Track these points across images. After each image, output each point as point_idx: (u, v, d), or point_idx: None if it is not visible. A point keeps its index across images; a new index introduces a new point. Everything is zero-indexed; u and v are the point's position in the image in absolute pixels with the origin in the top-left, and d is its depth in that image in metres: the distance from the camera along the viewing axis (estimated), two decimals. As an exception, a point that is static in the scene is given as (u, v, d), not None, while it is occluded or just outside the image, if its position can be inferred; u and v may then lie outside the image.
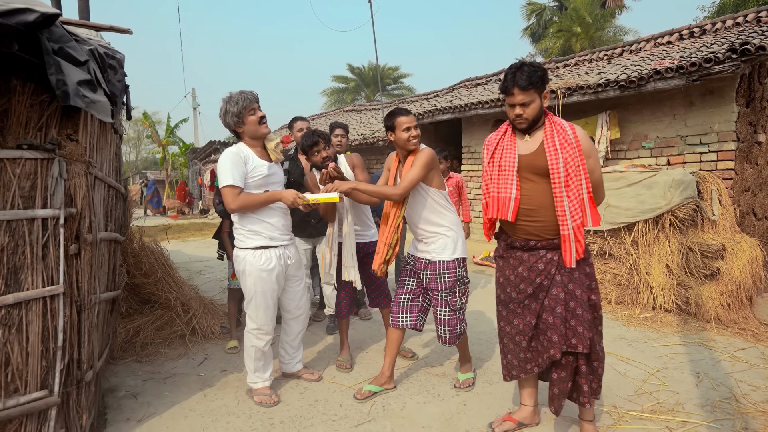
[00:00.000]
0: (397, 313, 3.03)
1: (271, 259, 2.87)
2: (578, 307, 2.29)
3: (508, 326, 2.52)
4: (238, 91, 2.86)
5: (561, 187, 2.24)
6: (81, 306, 2.36)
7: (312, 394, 3.07)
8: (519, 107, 2.31)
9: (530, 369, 2.45)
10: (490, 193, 2.45)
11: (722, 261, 4.47)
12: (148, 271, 4.14)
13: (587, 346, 2.26)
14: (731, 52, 4.54)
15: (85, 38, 2.56)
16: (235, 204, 2.75)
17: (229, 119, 2.84)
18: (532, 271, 2.38)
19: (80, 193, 2.34)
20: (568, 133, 2.28)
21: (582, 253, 2.27)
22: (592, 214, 2.27)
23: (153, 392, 3.11)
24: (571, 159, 2.23)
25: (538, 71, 2.27)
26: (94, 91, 2.25)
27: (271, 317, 2.95)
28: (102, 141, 2.73)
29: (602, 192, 2.43)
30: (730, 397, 2.99)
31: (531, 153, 2.35)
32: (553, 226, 2.32)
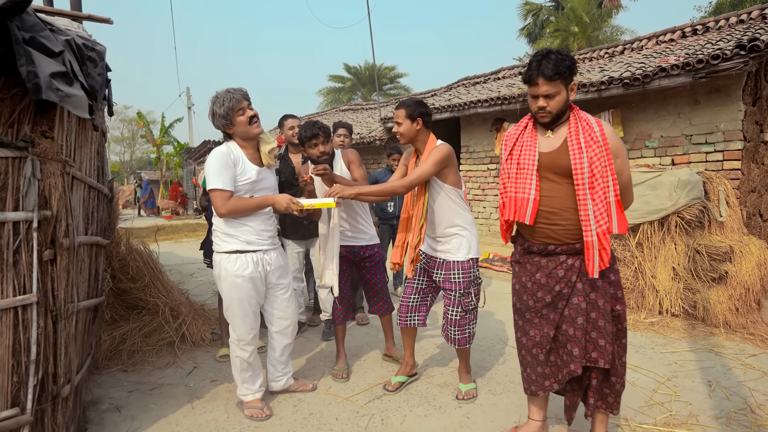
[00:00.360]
0: (405, 313, 2.99)
1: (247, 265, 2.67)
2: (600, 318, 2.11)
3: (524, 337, 2.32)
4: (224, 89, 2.64)
5: (585, 188, 2.05)
6: (57, 316, 2.19)
7: (306, 406, 2.91)
8: (543, 99, 2.10)
9: (549, 386, 2.26)
10: (508, 192, 2.26)
11: (730, 264, 4.33)
12: (136, 276, 3.96)
13: (609, 360, 2.08)
14: (739, 48, 4.40)
15: (63, 28, 2.39)
16: (225, 209, 2.57)
17: (217, 122, 2.64)
18: (550, 278, 2.19)
19: (56, 195, 2.17)
20: (594, 129, 2.08)
21: (607, 262, 2.07)
22: (619, 220, 2.07)
23: (138, 405, 2.94)
24: (597, 158, 2.04)
25: (566, 60, 2.07)
26: (69, 84, 2.08)
27: (251, 326, 2.75)
28: (81, 139, 2.56)
29: (631, 195, 2.24)
30: (745, 408, 2.85)
31: (553, 151, 2.15)
32: (575, 230, 2.13)
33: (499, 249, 7.60)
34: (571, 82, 2.12)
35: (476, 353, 3.70)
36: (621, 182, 2.14)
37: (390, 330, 3.55)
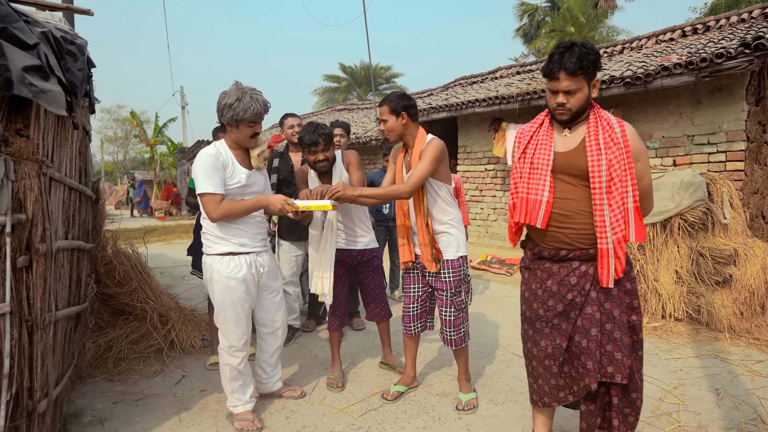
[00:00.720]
0: (408, 323, 2.96)
1: (241, 267, 2.58)
2: (616, 330, 1.97)
3: (535, 348, 2.18)
4: (250, 90, 2.53)
5: (602, 193, 1.91)
6: (33, 326, 2.05)
7: (300, 418, 2.78)
8: (562, 95, 1.95)
9: (564, 398, 2.12)
10: (519, 193, 2.12)
11: (735, 267, 4.24)
12: (123, 280, 3.81)
13: (626, 375, 1.94)
14: (744, 47, 4.31)
15: (40, 20, 2.25)
16: (217, 213, 2.45)
17: (226, 114, 2.52)
18: (562, 285, 2.05)
19: (31, 197, 2.03)
20: (615, 130, 1.93)
21: (621, 271, 1.94)
22: (637, 228, 1.93)
23: (122, 417, 2.80)
24: (616, 161, 1.90)
25: (591, 54, 1.91)
26: (45, 79, 1.95)
27: (243, 331, 2.64)
28: (60, 138, 2.42)
29: (651, 201, 2.09)
30: (756, 418, 2.75)
31: (569, 151, 2.01)
32: (589, 235, 1.99)
33: (497, 251, 7.49)
34: (594, 78, 1.97)
35: (476, 360, 3.58)
36: (642, 187, 2.00)
37: (387, 337, 3.43)
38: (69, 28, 2.56)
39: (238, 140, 2.60)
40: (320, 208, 2.56)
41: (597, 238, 1.95)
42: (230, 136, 2.61)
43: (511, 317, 4.69)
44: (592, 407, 2.08)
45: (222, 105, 2.53)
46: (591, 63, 1.92)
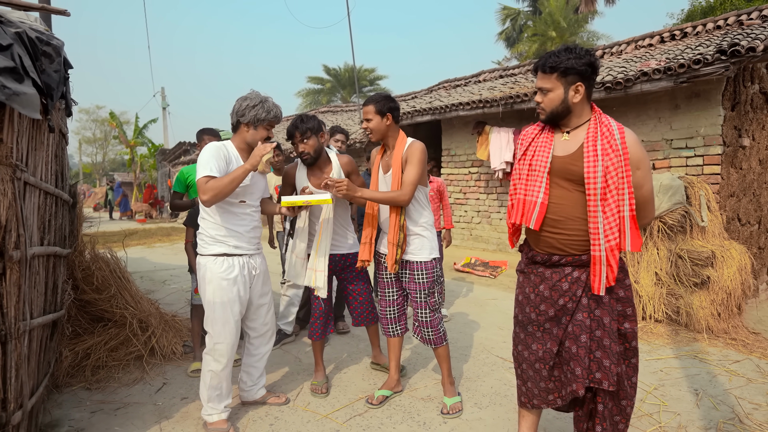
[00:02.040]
0: (387, 325, 3.01)
1: (233, 267, 2.62)
2: (606, 337, 1.97)
3: (526, 351, 2.18)
4: (272, 99, 2.70)
5: (596, 199, 1.91)
6: (6, 336, 1.99)
7: (284, 425, 2.74)
8: (539, 94, 2.02)
9: (553, 401, 2.13)
10: (517, 194, 2.13)
11: (712, 269, 4.32)
12: (101, 286, 3.72)
13: (614, 382, 1.94)
14: (720, 53, 4.40)
15: (14, 20, 2.18)
16: (207, 194, 2.44)
17: (248, 114, 2.62)
18: (554, 290, 2.05)
19: (4, 202, 1.97)
20: (615, 136, 1.91)
21: (613, 280, 1.93)
22: (632, 237, 1.91)
23: (101, 427, 2.73)
24: (613, 168, 1.88)
25: (572, 59, 1.93)
26: (19, 81, 1.89)
27: (231, 334, 2.63)
28: (36, 141, 2.35)
29: (651, 210, 2.07)
30: (734, 417, 2.80)
31: (567, 155, 2.01)
32: (582, 241, 1.99)
33: (481, 254, 7.53)
34: (576, 83, 1.96)
35: (460, 363, 3.58)
36: (641, 196, 1.99)
37: (376, 338, 3.45)
38: (45, 29, 2.49)
39: (253, 141, 2.67)
40: (320, 203, 2.66)
41: (590, 245, 1.95)
42: (243, 136, 2.69)
43: (494, 320, 4.71)
44: (580, 413, 2.10)
45: (243, 106, 2.63)
46: (567, 66, 1.92)
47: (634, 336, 2.04)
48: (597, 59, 1.98)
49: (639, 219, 2.03)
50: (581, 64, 1.93)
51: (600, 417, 2.02)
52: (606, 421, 2.02)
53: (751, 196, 5.48)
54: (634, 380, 2.05)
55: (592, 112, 2.04)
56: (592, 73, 1.97)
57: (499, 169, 6.99)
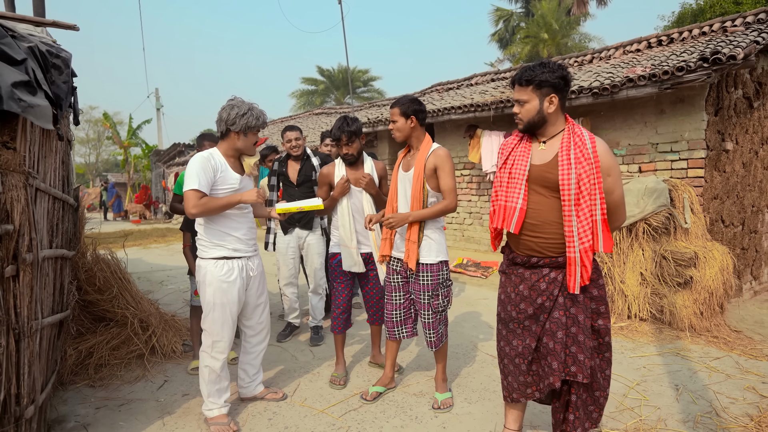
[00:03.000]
0: (392, 328, 3.07)
1: (233, 270, 2.75)
2: (580, 333, 2.13)
3: (507, 347, 2.34)
4: (257, 106, 2.79)
5: (570, 205, 2.06)
6: (20, 334, 2.10)
7: (282, 420, 2.87)
8: (517, 105, 2.19)
9: (531, 393, 2.29)
10: (498, 200, 2.28)
11: (695, 269, 4.48)
12: (103, 287, 3.83)
13: (588, 375, 2.10)
14: (702, 60, 4.56)
15: (25, 34, 2.30)
16: (196, 209, 2.57)
17: (239, 122, 2.70)
18: (533, 290, 2.21)
19: (18, 208, 2.08)
20: (587, 146, 2.08)
21: (588, 279, 2.09)
22: (605, 239, 2.08)
23: (106, 422, 2.85)
24: (585, 176, 2.04)
25: (546, 72, 2.09)
26: (33, 93, 2.00)
27: (229, 333, 2.77)
28: (45, 149, 2.46)
29: (623, 214, 2.23)
30: (711, 411, 2.94)
31: (544, 164, 2.17)
32: (558, 244, 2.15)
33: (473, 254, 7.67)
34: (550, 94, 2.12)
35: (451, 360, 3.71)
36: (612, 201, 2.14)
37: (378, 339, 3.59)
38: (53, 41, 2.61)
39: (244, 147, 2.78)
40: (313, 208, 2.82)
41: (565, 247, 2.10)
42: (232, 143, 2.76)
43: (485, 319, 4.85)
44: (557, 404, 2.26)
45: (233, 115, 2.70)
46: (540, 79, 2.09)
47: (607, 332, 2.20)
48: (569, 73, 2.15)
49: (611, 222, 2.19)
50: (554, 78, 2.09)
51: (573, 407, 2.19)
52: (579, 410, 2.18)
53: (735, 198, 5.65)
54: (608, 373, 2.21)
55: (566, 122, 2.19)
56: (565, 86, 2.13)
57: (490, 172, 7.14)
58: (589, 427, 2.22)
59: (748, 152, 5.83)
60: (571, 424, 2.21)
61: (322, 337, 4.23)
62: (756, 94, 5.83)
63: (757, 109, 5.89)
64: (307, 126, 13.01)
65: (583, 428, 2.20)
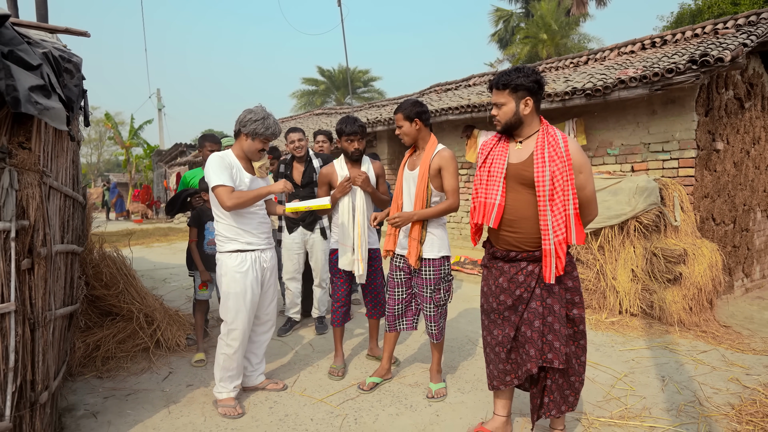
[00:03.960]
0: (393, 321, 3.20)
1: (246, 261, 2.93)
2: (556, 322, 2.27)
3: (489, 336, 2.49)
4: (272, 115, 2.99)
5: (545, 200, 2.21)
6: (35, 324, 2.23)
7: (282, 408, 3.00)
8: (495, 108, 2.33)
9: (509, 381, 2.43)
10: (478, 197, 2.43)
11: (684, 266, 4.60)
12: (109, 282, 3.96)
13: (563, 361, 2.24)
14: (692, 63, 4.68)
15: (39, 41, 2.42)
16: (231, 201, 2.79)
17: (249, 126, 2.91)
18: (512, 282, 2.35)
19: (33, 205, 2.21)
20: (560, 144, 2.22)
21: (562, 269, 2.24)
22: (577, 231, 2.22)
23: (114, 410, 2.98)
24: (559, 172, 2.19)
25: (521, 77, 2.24)
26: (47, 96, 2.13)
27: (243, 321, 2.94)
28: (58, 149, 2.59)
29: (595, 208, 2.38)
30: (694, 400, 3.06)
31: (520, 162, 2.31)
32: (535, 239, 2.29)
33: (470, 252, 7.80)
34: (525, 97, 2.27)
35: (446, 353, 3.84)
36: (584, 196, 2.29)
37: (376, 332, 3.71)
38: (64, 46, 2.74)
39: (248, 151, 2.97)
40: (320, 207, 2.98)
41: (541, 240, 2.24)
42: (240, 145, 2.98)
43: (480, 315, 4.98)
44: (535, 390, 2.42)
45: (247, 118, 2.92)
46: (516, 83, 2.23)
47: (581, 321, 2.35)
48: (542, 77, 2.31)
49: (584, 216, 2.34)
50: (529, 82, 2.25)
51: (548, 390, 2.34)
52: (554, 393, 2.33)
53: (726, 197, 5.77)
54: (583, 359, 2.37)
55: (540, 123, 2.34)
56: (539, 89, 2.28)
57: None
58: (566, 410, 2.38)
59: (740, 152, 5.94)
60: (546, 406, 2.36)
61: (326, 326, 4.44)
62: (747, 95, 5.95)
63: (749, 110, 6.01)
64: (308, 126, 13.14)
65: (558, 410, 2.35)
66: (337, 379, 3.39)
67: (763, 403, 3.00)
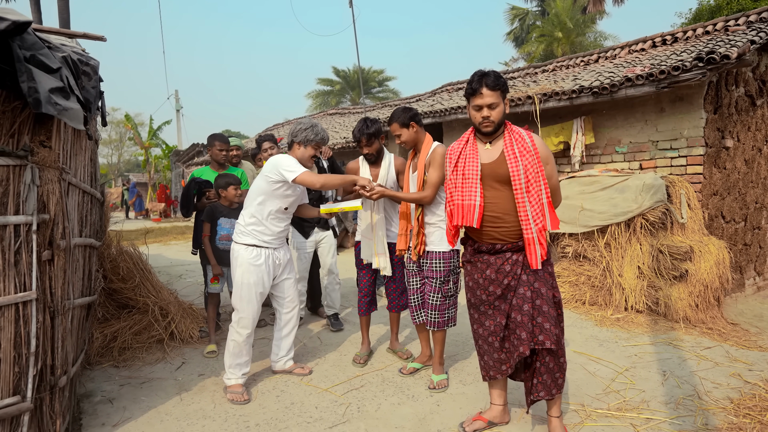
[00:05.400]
0: (413, 312, 3.35)
1: (260, 256, 3.14)
2: (544, 304, 2.38)
3: (480, 328, 2.59)
4: (319, 124, 3.26)
5: (523, 193, 2.34)
6: (54, 312, 2.37)
7: (288, 396, 3.11)
8: (486, 109, 2.39)
9: (505, 370, 2.52)
10: (455, 201, 2.53)
11: (690, 263, 4.61)
12: (126, 276, 4.13)
13: (554, 341, 2.34)
14: (698, 60, 4.68)
15: (59, 45, 2.57)
16: (320, 181, 3.03)
17: (300, 135, 3.17)
18: (499, 273, 2.46)
19: (53, 200, 2.35)
20: (526, 140, 2.38)
21: (545, 255, 2.38)
22: (552, 218, 2.38)
23: (129, 397, 3.13)
24: (530, 166, 2.33)
25: (502, 77, 2.40)
26: (66, 98, 2.27)
27: (253, 312, 3.11)
28: (76, 147, 2.74)
29: (559, 196, 2.55)
30: (693, 394, 3.09)
31: (493, 161, 2.44)
32: (517, 230, 2.42)
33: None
34: (506, 97, 2.43)
35: (450, 347, 3.92)
36: (551, 185, 2.44)
37: (396, 326, 3.80)
38: (82, 50, 2.89)
39: (302, 158, 3.19)
40: (353, 209, 3.13)
41: (523, 230, 2.37)
42: (294, 153, 3.22)
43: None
44: (526, 373, 2.52)
45: (297, 129, 3.20)
46: (503, 83, 2.38)
47: (560, 304, 2.47)
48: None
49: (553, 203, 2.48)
50: (506, 82, 2.42)
51: (538, 372, 2.43)
52: (543, 375, 2.42)
53: (737, 195, 5.73)
54: (563, 342, 2.48)
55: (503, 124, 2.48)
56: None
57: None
58: (555, 392, 2.44)
59: (751, 149, 5.90)
60: (535, 387, 2.45)
61: (341, 323, 4.53)
62: (759, 92, 5.90)
63: (761, 107, 5.96)
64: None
65: (548, 392, 2.43)
66: (359, 366, 3.56)
67: (763, 397, 3.02)
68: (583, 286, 5.08)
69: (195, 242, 4.22)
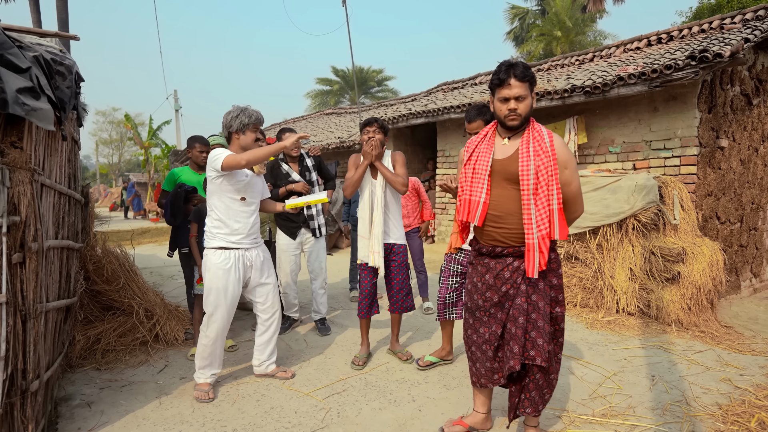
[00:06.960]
0: (443, 309, 3.40)
1: (229, 259, 3.07)
2: (540, 319, 2.26)
3: (474, 335, 2.47)
4: (249, 107, 3.13)
5: (529, 194, 2.20)
6: (26, 315, 2.33)
7: (269, 401, 3.07)
8: (514, 101, 2.23)
9: (497, 380, 2.41)
10: (463, 195, 2.42)
11: (683, 265, 4.55)
12: (111, 278, 4.09)
13: (546, 359, 2.22)
14: (690, 59, 4.63)
15: (31, 44, 2.53)
16: (244, 158, 2.91)
17: (235, 123, 3.06)
18: (498, 279, 2.34)
19: (24, 201, 2.31)
20: (545, 140, 2.23)
21: (545, 264, 2.21)
22: (560, 227, 2.21)
23: (108, 401, 3.08)
24: (543, 168, 2.19)
25: (530, 69, 2.26)
26: (36, 98, 2.23)
27: (222, 315, 3.08)
28: (51, 148, 2.70)
29: (581, 205, 2.37)
30: (682, 400, 3.04)
31: (506, 158, 2.31)
32: (520, 234, 2.28)
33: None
34: (533, 90, 2.28)
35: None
36: (569, 192, 2.29)
37: (397, 328, 3.77)
38: (60, 49, 2.84)
39: (246, 145, 3.09)
40: (318, 202, 3.13)
41: (525, 235, 2.23)
42: (236, 144, 3.10)
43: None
44: (513, 388, 2.40)
45: (229, 119, 3.08)
46: (532, 75, 2.24)
47: (562, 319, 2.35)
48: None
49: (569, 213, 2.34)
50: (534, 75, 2.27)
51: (527, 389, 2.33)
52: (532, 392, 2.33)
53: (732, 195, 5.68)
54: (560, 356, 2.39)
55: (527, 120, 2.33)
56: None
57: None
58: (542, 409, 2.37)
59: (747, 149, 5.84)
60: (522, 402, 2.36)
61: (328, 327, 4.45)
62: (756, 91, 5.84)
63: (757, 106, 5.91)
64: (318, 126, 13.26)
65: (534, 408, 2.34)
66: (358, 368, 3.53)
67: (752, 403, 2.97)
68: (575, 288, 5.03)
69: (172, 244, 4.14)
